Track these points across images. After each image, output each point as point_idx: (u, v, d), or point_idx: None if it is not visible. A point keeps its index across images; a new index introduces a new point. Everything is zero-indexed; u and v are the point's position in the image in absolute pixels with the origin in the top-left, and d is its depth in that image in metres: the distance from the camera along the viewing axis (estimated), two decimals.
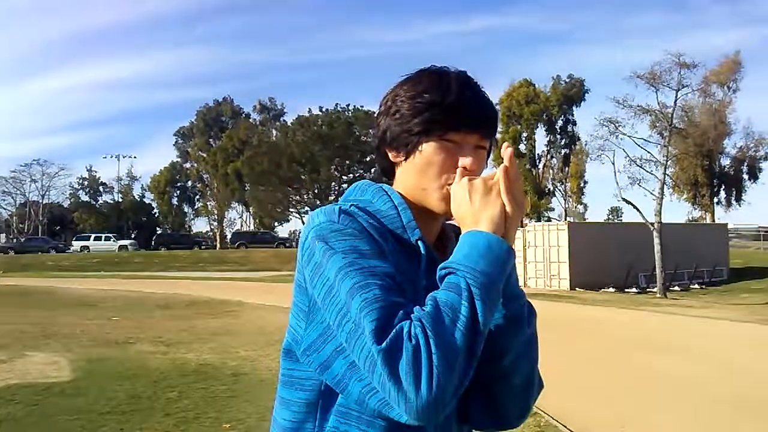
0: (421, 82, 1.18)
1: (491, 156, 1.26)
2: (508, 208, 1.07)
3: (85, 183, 69.59)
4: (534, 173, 57.19)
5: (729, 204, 48.78)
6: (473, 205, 1.07)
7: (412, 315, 0.98)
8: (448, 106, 1.14)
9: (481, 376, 1.10)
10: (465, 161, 1.14)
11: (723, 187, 48.69)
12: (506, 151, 1.09)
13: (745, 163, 47.92)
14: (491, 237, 1.04)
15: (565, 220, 43.53)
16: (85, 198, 69.91)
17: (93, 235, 53.16)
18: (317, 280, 1.06)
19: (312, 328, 1.11)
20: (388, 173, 1.25)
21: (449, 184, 1.13)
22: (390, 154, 1.21)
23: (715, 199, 48.35)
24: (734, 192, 48.62)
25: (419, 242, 1.13)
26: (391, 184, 1.23)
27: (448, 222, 1.23)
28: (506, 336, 1.12)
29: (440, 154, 1.15)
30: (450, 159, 1.15)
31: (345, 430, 1.08)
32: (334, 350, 1.06)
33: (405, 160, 1.19)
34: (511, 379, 1.14)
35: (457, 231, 1.14)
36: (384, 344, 0.95)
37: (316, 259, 1.07)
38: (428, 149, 1.15)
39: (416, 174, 1.17)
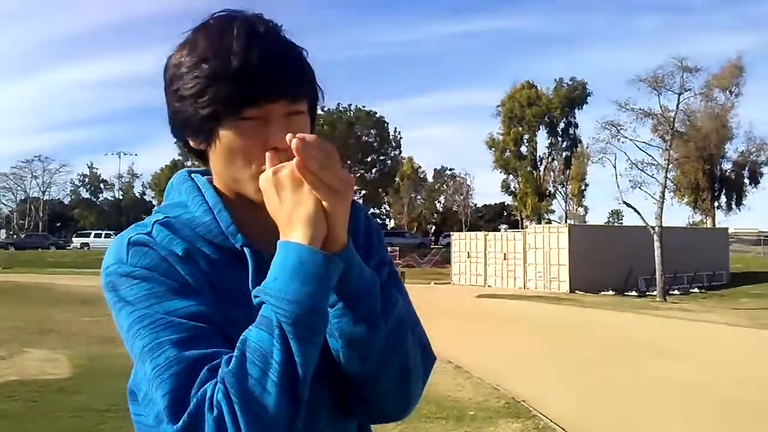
0: (198, 45, 0.94)
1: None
2: (325, 203, 0.86)
3: (86, 180, 69.59)
4: (535, 175, 57.17)
5: (729, 208, 48.79)
6: (283, 204, 0.87)
7: (219, 372, 0.83)
8: (233, 76, 0.90)
9: (349, 383, 0.98)
10: (274, 139, 0.91)
11: (724, 191, 48.66)
12: (293, 144, 0.85)
13: (747, 168, 47.89)
14: (301, 250, 0.85)
15: (566, 222, 43.52)
16: (85, 195, 69.94)
17: (93, 232, 53.16)
18: (123, 337, 0.92)
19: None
20: (199, 158, 1.03)
21: (263, 171, 0.91)
22: (190, 142, 1.00)
23: (716, 204, 48.34)
24: (735, 196, 48.59)
25: (244, 249, 0.97)
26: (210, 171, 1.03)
27: None
28: (362, 340, 0.93)
29: (241, 138, 0.93)
30: (256, 140, 0.93)
31: None
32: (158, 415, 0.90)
33: (207, 147, 0.98)
34: (382, 380, 0.97)
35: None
36: (180, 424, 0.81)
37: (114, 313, 0.93)
38: (226, 135, 0.94)
39: (223, 165, 0.97)
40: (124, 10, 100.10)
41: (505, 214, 65.10)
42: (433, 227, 64.23)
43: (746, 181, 48.45)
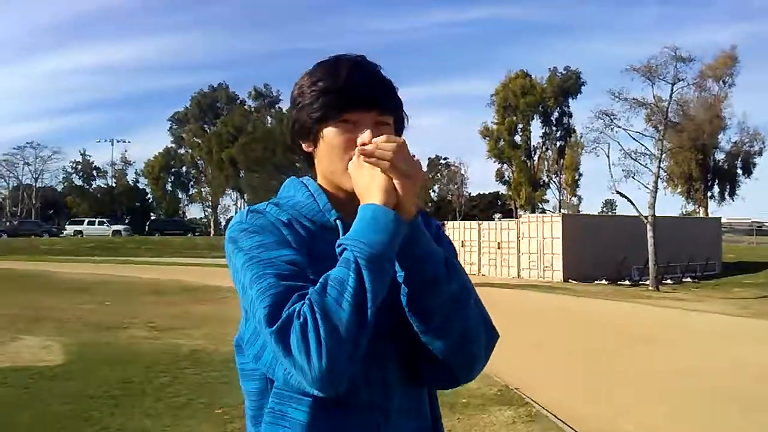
0: (316, 73, 1.28)
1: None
2: (395, 181, 1.13)
3: (79, 167, 69.29)
4: (529, 165, 57.28)
5: (722, 198, 49.07)
6: (364, 179, 1.15)
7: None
8: (338, 89, 1.23)
9: (418, 340, 1.18)
10: (361, 137, 1.19)
11: (717, 181, 48.91)
12: (366, 148, 1.15)
13: (740, 158, 48.12)
14: (376, 208, 1.11)
15: (560, 211, 43.62)
16: (78, 182, 69.65)
17: (86, 220, 53.00)
18: (234, 279, 1.18)
19: (249, 323, 1.22)
20: (309, 164, 1.32)
21: None
22: (303, 146, 1.30)
23: (709, 194, 48.59)
24: (728, 186, 48.86)
25: (337, 221, 1.23)
26: (315, 175, 1.32)
27: None
28: (427, 298, 1.16)
29: (339, 135, 1.23)
30: (350, 139, 1.22)
31: (280, 410, 1.17)
32: (264, 341, 1.17)
33: (314, 148, 1.28)
34: (445, 338, 1.18)
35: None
36: (275, 326, 1.05)
37: (232, 259, 1.19)
38: (329, 133, 1.24)
39: (325, 159, 1.26)
40: None
41: (500, 203, 65.15)
42: None
43: (739, 171, 48.72)
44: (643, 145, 27.29)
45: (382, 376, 1.19)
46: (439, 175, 68.50)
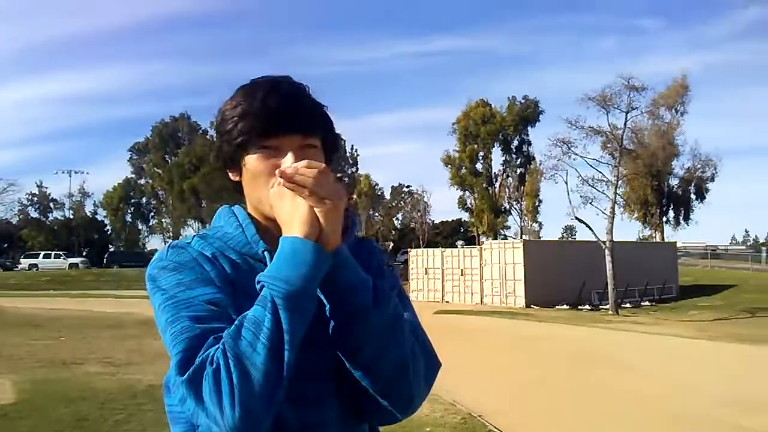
0: (236, 97, 1.22)
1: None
2: (315, 207, 1.07)
3: (35, 199, 67.62)
4: (491, 192, 57.94)
5: (678, 223, 50.22)
6: (284, 209, 1.10)
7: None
8: (256, 113, 1.17)
9: (352, 375, 1.12)
10: (281, 165, 1.13)
11: (672, 206, 50.09)
12: (287, 171, 1.09)
13: (693, 184, 49.43)
14: (295, 241, 1.06)
15: (521, 238, 44.13)
16: (34, 214, 67.90)
17: (42, 253, 51.62)
18: (155, 319, 1.13)
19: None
20: (239, 193, 1.27)
21: None
22: (230, 174, 1.25)
23: (664, 218, 49.70)
24: (682, 211, 50.06)
25: (265, 253, 1.17)
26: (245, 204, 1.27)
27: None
28: (356, 331, 1.10)
29: (261, 162, 1.18)
30: (273, 165, 1.16)
31: None
32: None
33: (240, 176, 1.23)
34: (379, 371, 1.11)
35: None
36: (186, 374, 1.00)
37: (151, 299, 1.15)
38: (250, 161, 1.19)
39: (250, 188, 1.22)
40: (78, 25, 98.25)
41: (462, 230, 65.64)
42: (392, 244, 64.35)
43: (693, 196, 49.99)
44: (600, 172, 27.87)
45: (319, 417, 1.13)
46: (402, 202, 68.79)
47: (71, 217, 67.66)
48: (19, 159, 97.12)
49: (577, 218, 26.72)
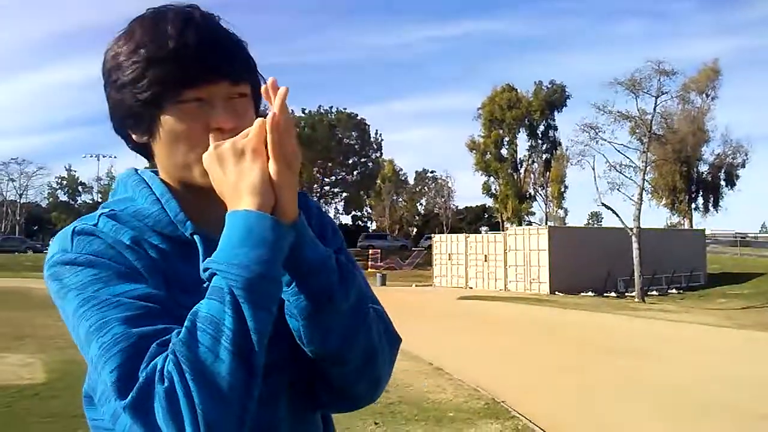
0: (135, 34, 0.94)
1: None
2: (273, 169, 0.85)
3: (64, 182, 68.75)
4: (516, 177, 57.51)
5: (706, 210, 49.42)
6: (227, 177, 0.86)
7: (170, 344, 0.80)
8: (170, 57, 0.91)
9: (314, 365, 0.95)
10: (216, 120, 0.92)
11: (701, 193, 49.29)
12: (281, 92, 0.85)
13: (723, 170, 48.56)
14: (249, 215, 0.83)
15: (546, 224, 43.81)
16: (63, 198, 69.08)
17: None
18: (69, 329, 0.89)
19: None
20: (143, 155, 1.02)
21: None
22: (133, 136, 0.99)
23: (693, 205, 48.95)
24: (712, 198, 49.24)
25: (194, 236, 0.94)
26: (155, 166, 1.02)
27: None
28: (321, 315, 0.90)
29: (184, 121, 0.92)
30: (199, 122, 0.92)
31: None
32: None
33: (150, 138, 0.97)
34: (347, 360, 0.94)
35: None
36: (129, 397, 0.78)
37: (59, 303, 0.91)
38: (168, 120, 0.93)
39: (168, 153, 0.96)
40: (106, 11, 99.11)
41: (486, 216, 65.33)
42: (415, 229, 64.31)
43: (723, 183, 49.14)
44: (627, 158, 27.61)
45: (273, 416, 0.95)
46: (426, 188, 68.63)
47: (99, 200, 68.65)
48: (49, 143, 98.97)
49: (603, 204, 26.51)
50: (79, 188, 69.85)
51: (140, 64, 0.92)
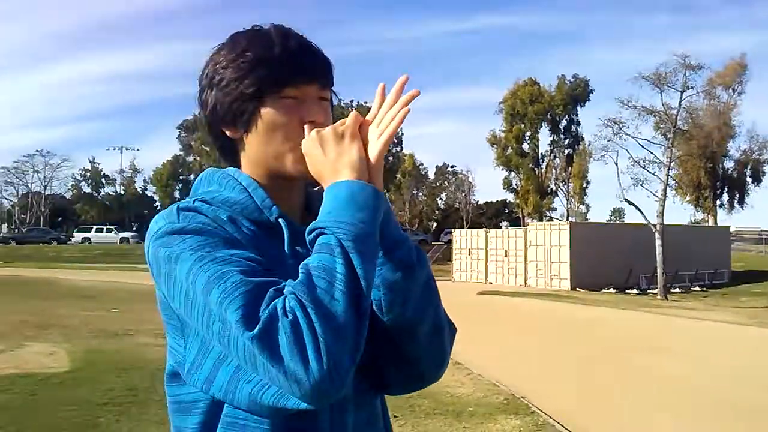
0: (239, 43, 1.08)
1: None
2: (377, 149, 1.00)
3: (88, 175, 69.64)
4: (537, 173, 57.15)
5: (732, 207, 48.73)
6: (328, 156, 0.99)
7: (285, 290, 0.89)
8: (275, 58, 1.05)
9: (388, 335, 1.04)
10: (311, 114, 1.06)
11: (726, 189, 48.59)
12: (412, 92, 1.01)
13: (749, 167, 47.81)
14: (353, 184, 0.96)
15: (567, 220, 43.50)
16: (87, 190, 69.98)
17: (95, 227, 53.20)
18: (173, 291, 0.96)
19: (190, 344, 1.01)
20: (229, 153, 1.13)
21: (300, 144, 1.04)
22: (227, 132, 1.10)
23: (718, 202, 48.28)
24: (737, 195, 48.53)
25: (279, 220, 1.05)
26: (238, 165, 1.12)
27: (315, 189, 1.13)
28: (401, 285, 1.02)
29: (282, 114, 1.05)
30: (295, 116, 1.06)
31: None
32: (216, 360, 0.98)
33: (246, 133, 1.08)
34: (419, 328, 1.05)
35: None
36: (256, 329, 0.86)
37: (165, 268, 0.97)
38: (268, 113, 1.06)
39: (263, 144, 1.07)
40: (129, 5, 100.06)
41: (507, 211, 65.05)
42: (435, 224, 64.20)
43: (748, 179, 48.39)
44: (651, 153, 27.30)
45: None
46: (446, 182, 68.46)
47: (122, 192, 69.51)
48: (73, 135, 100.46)
49: (626, 200, 26.25)
50: (103, 180, 70.72)
51: (246, 64, 1.05)
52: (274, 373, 0.86)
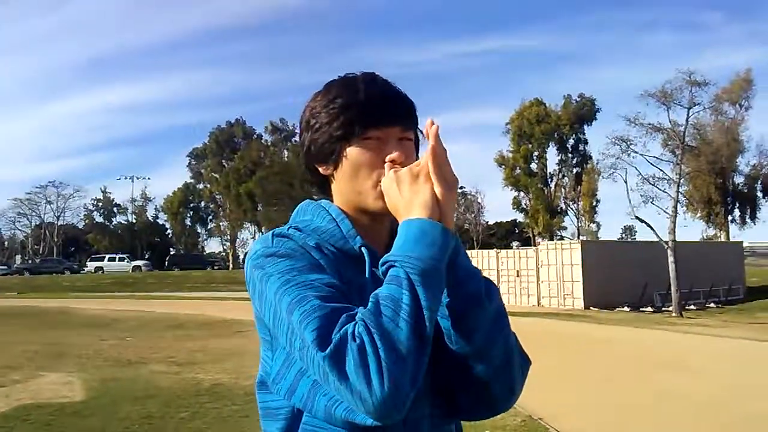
0: (331, 91, 1.21)
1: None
2: (437, 190, 1.07)
3: (100, 204, 70.23)
4: (546, 192, 57.07)
5: (744, 222, 48.38)
6: (403, 195, 1.08)
7: (356, 317, 0.98)
8: (360, 104, 1.17)
9: (460, 363, 1.11)
10: (392, 155, 1.16)
11: (737, 205, 48.30)
12: (432, 128, 1.07)
13: (759, 181, 47.55)
14: (423, 222, 1.04)
15: (578, 238, 43.29)
16: (99, 219, 70.51)
17: (107, 256, 53.47)
18: (264, 308, 1.09)
19: (277, 356, 1.14)
20: (324, 188, 1.26)
21: (381, 182, 1.15)
22: (320, 169, 1.23)
23: (730, 217, 47.96)
24: (749, 210, 48.21)
25: (362, 249, 1.16)
26: (331, 199, 1.24)
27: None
28: (470, 316, 1.10)
29: (365, 153, 1.17)
30: (377, 156, 1.17)
31: None
32: (297, 373, 1.10)
33: (335, 170, 1.21)
34: (489, 357, 1.11)
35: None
36: (328, 350, 0.96)
37: (259, 287, 1.10)
38: (353, 152, 1.18)
39: (348, 180, 1.19)
40: (140, 37, 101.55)
41: (517, 231, 64.86)
42: None
43: (759, 194, 48.10)
44: (660, 170, 27.19)
45: (418, 412, 1.11)
46: (455, 204, 68.37)
47: (134, 221, 69.95)
48: (85, 166, 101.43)
49: (637, 218, 26.14)
50: (114, 209, 71.24)
51: (336, 110, 1.18)
52: (343, 390, 0.96)
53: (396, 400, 0.94)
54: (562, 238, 52.53)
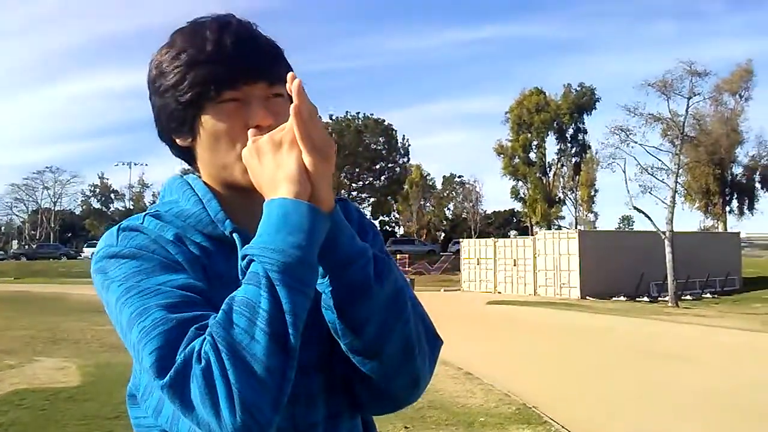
0: (176, 42, 0.99)
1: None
2: (306, 159, 0.86)
3: (97, 190, 70.05)
4: (544, 181, 57.03)
5: (741, 213, 48.48)
6: (265, 168, 0.88)
7: (208, 327, 0.82)
8: (209, 59, 0.95)
9: (351, 358, 0.95)
10: (256, 118, 0.95)
11: (735, 195, 48.38)
12: (294, 83, 0.85)
13: (758, 172, 47.60)
14: (286, 202, 0.84)
15: (576, 228, 43.36)
16: (96, 205, 70.38)
17: None
18: (112, 319, 0.92)
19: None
20: (188, 158, 1.04)
21: None
22: (177, 140, 1.02)
23: (728, 208, 48.03)
24: (747, 201, 48.29)
25: (234, 235, 0.96)
26: (199, 173, 1.05)
27: None
28: (356, 306, 0.90)
29: (223, 120, 0.96)
30: (239, 122, 0.95)
31: None
32: None
33: (193, 141, 1.00)
34: (384, 350, 0.93)
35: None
36: (167, 377, 0.80)
37: (104, 296, 0.93)
38: (209, 120, 0.97)
39: (210, 153, 0.99)
40: (139, 20, 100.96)
41: (515, 220, 64.91)
42: (443, 234, 64.11)
43: (758, 185, 48.18)
44: (659, 160, 27.17)
45: (310, 417, 0.96)
46: (454, 193, 68.44)
47: (131, 207, 69.78)
48: (82, 151, 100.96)
49: (635, 208, 26.15)
50: (112, 195, 71.10)
51: (181, 68, 0.96)
52: (190, 420, 0.80)
53: (253, 429, 0.78)
54: (559, 227, 52.59)
